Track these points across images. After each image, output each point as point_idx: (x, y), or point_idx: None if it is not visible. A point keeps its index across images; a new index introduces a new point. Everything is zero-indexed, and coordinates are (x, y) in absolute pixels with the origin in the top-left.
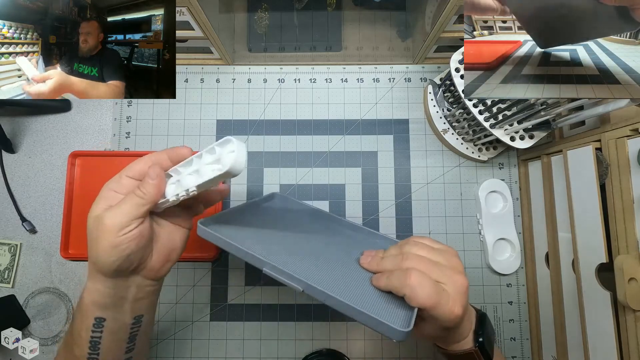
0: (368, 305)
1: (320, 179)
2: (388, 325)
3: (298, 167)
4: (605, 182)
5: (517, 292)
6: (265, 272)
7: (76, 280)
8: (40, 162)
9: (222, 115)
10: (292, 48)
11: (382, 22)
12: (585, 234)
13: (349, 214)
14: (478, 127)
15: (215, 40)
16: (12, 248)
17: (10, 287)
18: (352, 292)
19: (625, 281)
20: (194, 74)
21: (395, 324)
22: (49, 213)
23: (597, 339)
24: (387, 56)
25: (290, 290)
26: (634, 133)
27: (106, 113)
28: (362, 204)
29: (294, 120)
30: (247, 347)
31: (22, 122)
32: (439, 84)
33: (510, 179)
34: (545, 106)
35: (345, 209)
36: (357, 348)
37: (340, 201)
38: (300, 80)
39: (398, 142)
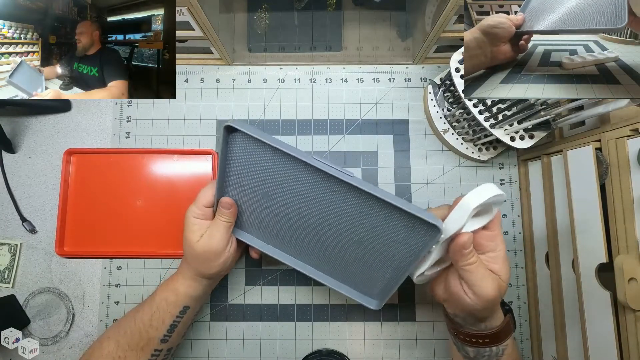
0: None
1: None
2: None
3: None
4: (605, 182)
5: (517, 292)
6: (312, 158)
7: (76, 280)
8: (40, 162)
9: (222, 115)
10: (292, 48)
11: (382, 22)
12: (585, 234)
13: None
14: (478, 127)
15: (215, 40)
16: (12, 248)
17: (10, 287)
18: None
19: (625, 281)
20: (194, 74)
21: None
22: (49, 213)
23: (597, 339)
24: (387, 56)
25: (290, 290)
26: (634, 133)
27: (106, 113)
28: None
29: (294, 120)
30: (247, 347)
31: (22, 122)
32: (439, 84)
33: (510, 179)
34: (545, 106)
35: None
36: (357, 348)
37: None
38: (300, 80)
39: (398, 142)
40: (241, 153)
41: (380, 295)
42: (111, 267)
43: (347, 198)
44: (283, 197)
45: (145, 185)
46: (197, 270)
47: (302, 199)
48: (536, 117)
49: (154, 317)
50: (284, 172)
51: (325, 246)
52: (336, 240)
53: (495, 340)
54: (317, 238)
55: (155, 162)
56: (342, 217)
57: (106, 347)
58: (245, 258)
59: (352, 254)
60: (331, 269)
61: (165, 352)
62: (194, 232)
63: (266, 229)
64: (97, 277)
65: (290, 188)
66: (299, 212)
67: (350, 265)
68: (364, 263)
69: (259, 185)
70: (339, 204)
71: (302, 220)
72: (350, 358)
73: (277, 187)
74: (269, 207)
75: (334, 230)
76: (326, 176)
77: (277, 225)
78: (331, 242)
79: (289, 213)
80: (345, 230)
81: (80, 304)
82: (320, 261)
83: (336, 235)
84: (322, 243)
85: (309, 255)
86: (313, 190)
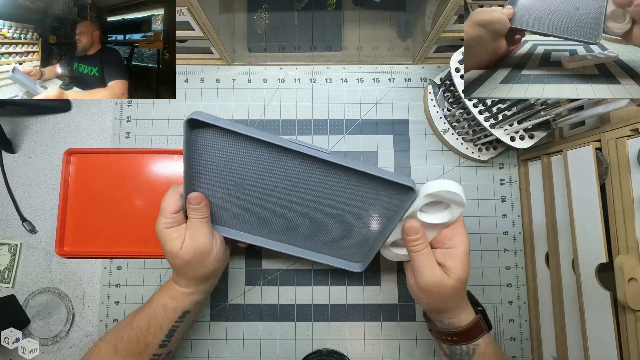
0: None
1: None
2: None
3: None
4: (605, 182)
5: (517, 292)
6: (289, 142)
7: (76, 280)
8: (40, 162)
9: (222, 115)
10: (292, 48)
11: (382, 22)
12: (585, 234)
13: None
14: (478, 127)
15: (215, 40)
16: (12, 248)
17: (10, 287)
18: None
19: (625, 281)
20: (194, 74)
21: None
22: (49, 213)
23: (597, 339)
24: (387, 56)
25: (290, 290)
26: (634, 133)
27: (106, 113)
28: None
29: (294, 120)
30: (247, 347)
31: (22, 122)
32: (439, 84)
33: (510, 179)
34: (545, 106)
35: None
36: (357, 348)
37: None
38: (300, 80)
39: (398, 142)
40: (208, 146)
41: (364, 259)
42: (111, 267)
43: (326, 176)
44: (256, 184)
45: (145, 185)
46: (192, 276)
47: (278, 183)
48: (536, 117)
49: (151, 324)
50: (256, 159)
51: (305, 225)
52: (316, 217)
53: (463, 339)
54: (297, 218)
55: (155, 162)
56: (322, 195)
57: (104, 351)
58: (246, 258)
59: (334, 227)
60: (314, 245)
61: (164, 355)
62: (173, 240)
63: (243, 218)
64: (97, 277)
65: (264, 174)
66: (276, 196)
67: (332, 238)
68: (345, 234)
69: (229, 176)
70: (318, 183)
71: (280, 203)
72: (350, 358)
73: (249, 175)
74: (242, 196)
75: (313, 208)
76: (302, 157)
77: (254, 212)
78: (311, 220)
79: (265, 199)
80: (326, 206)
81: (80, 304)
82: (303, 239)
83: (317, 213)
84: (303, 222)
85: (291, 236)
86: (290, 173)
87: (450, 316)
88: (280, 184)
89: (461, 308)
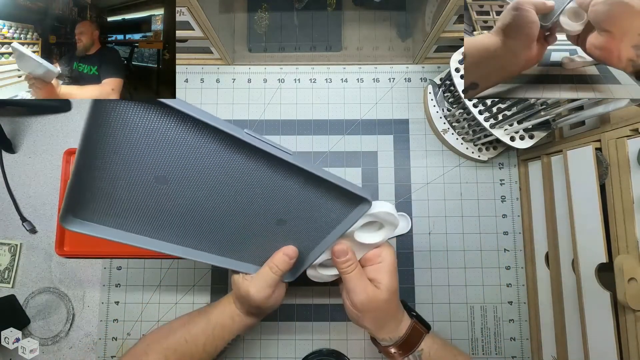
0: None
1: None
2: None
3: None
4: (605, 182)
5: (517, 292)
6: (245, 134)
7: (76, 280)
8: (40, 162)
9: (222, 115)
10: (292, 48)
11: (382, 22)
12: (585, 234)
13: None
14: (478, 127)
15: (215, 40)
16: (12, 248)
17: (10, 287)
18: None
19: (625, 281)
20: (194, 74)
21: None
22: (49, 213)
23: (597, 339)
24: (387, 56)
25: (291, 290)
26: (634, 133)
27: None
28: None
29: (294, 120)
30: (247, 347)
31: (22, 122)
32: (439, 84)
33: (510, 179)
34: (545, 106)
35: None
36: (357, 348)
37: None
38: (300, 80)
39: (398, 142)
40: (127, 123)
41: (293, 270)
42: (111, 267)
43: (280, 178)
44: (186, 181)
45: None
46: (255, 312)
47: (217, 181)
48: (536, 117)
49: (207, 342)
50: (196, 150)
51: (235, 229)
52: (253, 222)
53: (406, 348)
54: (228, 222)
55: None
56: (270, 198)
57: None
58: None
59: (269, 233)
60: (237, 253)
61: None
62: (262, 290)
63: (154, 220)
64: (97, 277)
65: (200, 169)
66: (211, 196)
67: (262, 244)
68: (280, 242)
69: (150, 167)
70: (268, 184)
71: (213, 204)
72: (350, 358)
73: (180, 169)
74: (160, 194)
75: (255, 210)
76: (257, 154)
77: (172, 213)
78: (244, 225)
79: (193, 200)
80: (270, 210)
81: (80, 304)
82: (225, 244)
83: (256, 217)
84: (233, 226)
85: (211, 241)
86: (235, 171)
87: (390, 330)
88: (220, 182)
89: (398, 319)
